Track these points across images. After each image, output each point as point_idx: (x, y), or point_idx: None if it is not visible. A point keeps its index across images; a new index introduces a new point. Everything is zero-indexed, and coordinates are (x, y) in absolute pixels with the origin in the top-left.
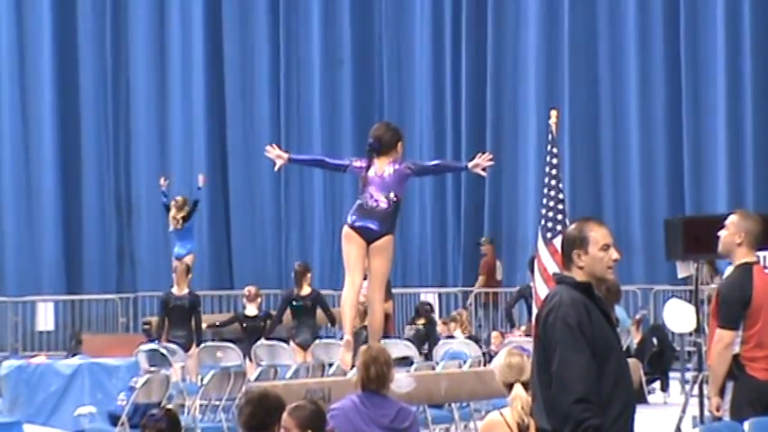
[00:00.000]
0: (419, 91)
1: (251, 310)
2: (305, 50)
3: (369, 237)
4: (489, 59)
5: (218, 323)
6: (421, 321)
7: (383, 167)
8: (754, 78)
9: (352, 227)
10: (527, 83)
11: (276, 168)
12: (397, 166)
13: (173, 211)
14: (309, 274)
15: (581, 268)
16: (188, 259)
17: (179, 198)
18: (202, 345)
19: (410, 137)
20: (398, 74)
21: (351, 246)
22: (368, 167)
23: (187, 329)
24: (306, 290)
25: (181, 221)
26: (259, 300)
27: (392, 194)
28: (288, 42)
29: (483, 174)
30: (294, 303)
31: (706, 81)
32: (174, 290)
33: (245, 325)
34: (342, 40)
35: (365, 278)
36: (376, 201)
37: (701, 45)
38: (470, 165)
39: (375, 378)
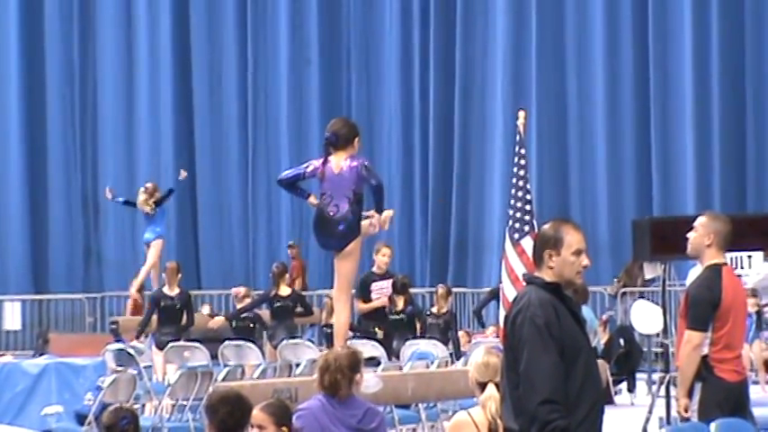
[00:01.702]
0: (386, 91)
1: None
2: (272, 50)
3: (334, 248)
4: (457, 60)
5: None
6: (401, 303)
7: (340, 163)
8: (721, 80)
9: (318, 241)
10: (494, 84)
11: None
12: (354, 164)
13: (142, 198)
14: (287, 275)
15: (551, 268)
16: (156, 244)
17: (148, 185)
18: (169, 345)
19: (378, 137)
20: (366, 74)
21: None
22: (324, 162)
23: (176, 327)
24: (285, 290)
25: (153, 206)
26: (247, 300)
27: (350, 192)
28: (255, 42)
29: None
30: (274, 304)
31: (674, 83)
32: (165, 289)
33: (234, 324)
34: (309, 39)
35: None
36: (336, 205)
37: (669, 46)
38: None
39: (329, 385)
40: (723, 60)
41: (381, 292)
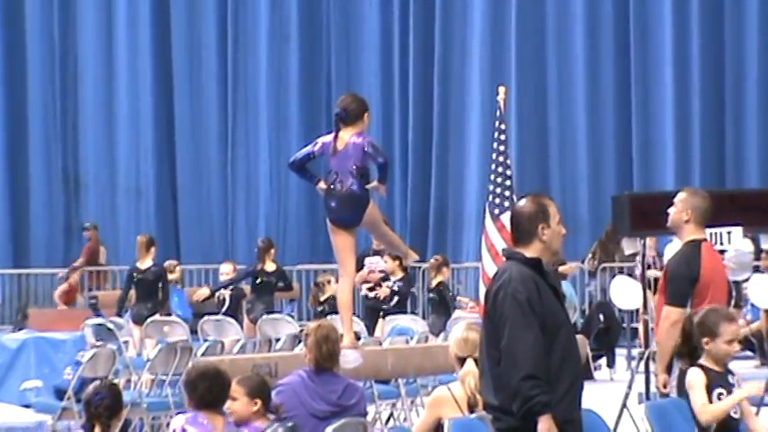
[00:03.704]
0: (366, 67)
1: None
2: (252, 27)
3: (348, 223)
4: (437, 35)
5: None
6: (399, 276)
7: (345, 139)
8: (701, 56)
9: (331, 221)
10: (473, 60)
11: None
12: (358, 140)
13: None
14: (273, 250)
15: (543, 242)
16: None
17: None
18: (149, 320)
19: None
20: (346, 50)
21: (336, 236)
22: (335, 138)
23: (153, 301)
24: (270, 266)
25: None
26: (234, 275)
27: (353, 168)
28: (235, 19)
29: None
30: (257, 279)
31: (654, 58)
32: (138, 263)
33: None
34: (289, 16)
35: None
36: (341, 181)
37: (650, 23)
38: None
39: (327, 356)
40: (703, 38)
41: (373, 265)
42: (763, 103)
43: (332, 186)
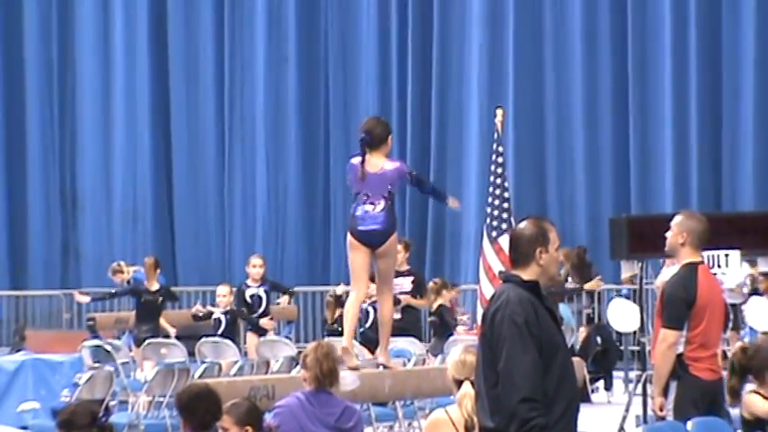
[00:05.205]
0: (364, 89)
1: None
2: (249, 47)
3: (373, 243)
4: (435, 57)
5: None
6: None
7: (380, 162)
8: (699, 78)
9: (354, 235)
10: (471, 82)
11: None
12: (397, 164)
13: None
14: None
15: (540, 266)
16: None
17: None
18: (146, 341)
19: (355, 135)
20: (344, 72)
21: (356, 254)
22: (362, 161)
23: (155, 324)
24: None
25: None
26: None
27: (387, 191)
28: (232, 39)
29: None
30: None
31: (652, 80)
32: (147, 284)
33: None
34: (287, 36)
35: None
36: (372, 203)
37: (648, 43)
38: (449, 201)
39: (328, 373)
40: (700, 61)
41: (397, 288)
42: (759, 127)
43: (364, 208)
